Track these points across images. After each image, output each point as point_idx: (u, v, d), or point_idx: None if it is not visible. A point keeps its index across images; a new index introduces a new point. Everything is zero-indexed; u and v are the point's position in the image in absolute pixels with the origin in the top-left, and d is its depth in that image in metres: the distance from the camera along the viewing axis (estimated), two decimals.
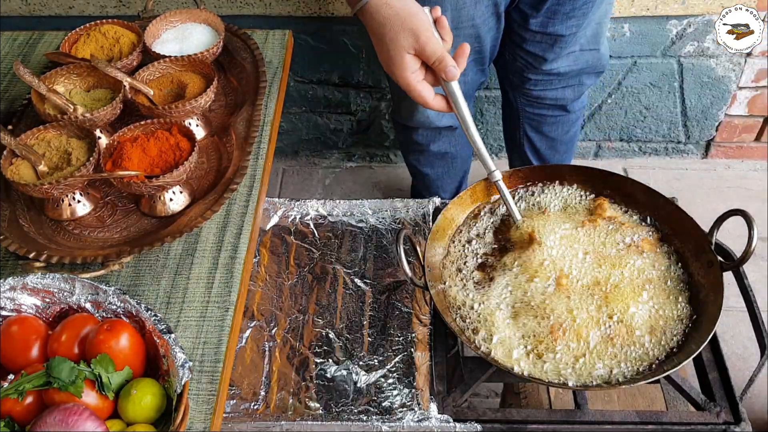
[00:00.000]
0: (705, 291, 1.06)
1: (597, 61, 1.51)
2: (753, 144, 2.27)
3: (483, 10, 1.31)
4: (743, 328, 1.81)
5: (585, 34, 1.44)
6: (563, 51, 1.45)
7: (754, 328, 1.10)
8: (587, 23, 1.40)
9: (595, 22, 1.43)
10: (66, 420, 0.75)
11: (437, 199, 1.33)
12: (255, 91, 1.21)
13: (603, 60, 1.52)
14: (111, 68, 1.11)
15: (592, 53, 1.48)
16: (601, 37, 1.48)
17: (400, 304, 1.17)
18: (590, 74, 1.54)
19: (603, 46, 1.50)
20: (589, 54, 1.48)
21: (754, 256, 1.05)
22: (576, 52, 1.47)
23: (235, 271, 1.00)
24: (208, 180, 1.11)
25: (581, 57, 1.48)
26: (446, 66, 0.99)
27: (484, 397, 1.71)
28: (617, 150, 2.31)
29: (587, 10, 1.37)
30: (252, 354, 1.11)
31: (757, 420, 1.60)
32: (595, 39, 1.46)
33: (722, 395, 1.05)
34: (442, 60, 0.99)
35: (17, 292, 0.88)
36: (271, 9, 1.84)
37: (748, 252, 1.02)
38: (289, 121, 2.21)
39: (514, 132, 1.75)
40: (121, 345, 0.83)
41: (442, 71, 0.99)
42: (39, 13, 1.87)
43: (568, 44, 1.43)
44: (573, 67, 1.49)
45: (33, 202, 1.07)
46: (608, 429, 1.03)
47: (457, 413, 1.02)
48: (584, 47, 1.46)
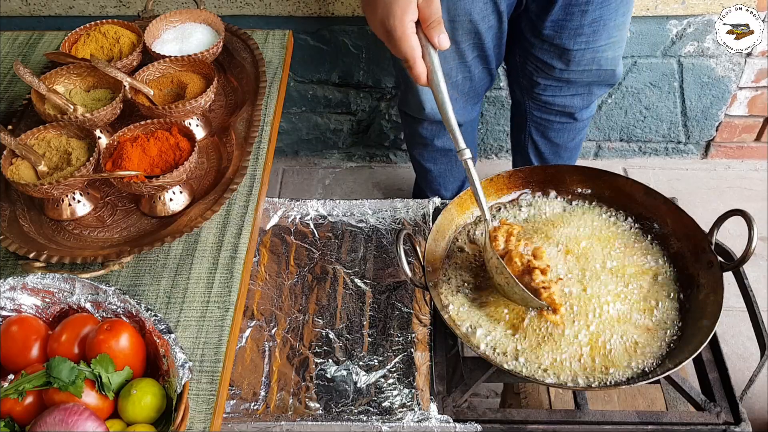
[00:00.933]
0: (705, 291, 1.06)
1: (610, 77, 1.50)
2: (753, 144, 2.27)
3: (481, 7, 1.31)
4: (743, 328, 1.81)
5: (606, 56, 1.43)
6: (573, 64, 1.44)
7: (754, 328, 1.10)
8: (602, 44, 1.39)
9: (616, 44, 1.42)
10: (66, 420, 0.75)
11: (437, 199, 1.33)
12: (255, 91, 1.21)
13: (617, 75, 1.51)
14: (111, 68, 1.11)
15: (608, 72, 1.48)
16: (620, 57, 1.47)
17: (400, 304, 1.17)
18: (601, 86, 1.53)
19: (620, 65, 1.49)
20: (605, 72, 1.48)
21: (754, 256, 1.05)
22: (593, 70, 1.46)
23: (235, 271, 1.00)
24: (208, 180, 1.11)
25: (596, 73, 1.48)
26: (441, 32, 0.97)
27: (484, 397, 1.71)
28: (617, 150, 2.31)
29: (598, 27, 1.36)
30: (252, 354, 1.11)
31: (757, 420, 1.60)
32: (615, 60, 1.46)
33: (722, 395, 1.05)
34: (441, 23, 0.97)
35: (17, 292, 0.88)
36: (271, 9, 1.84)
37: (749, 252, 1.02)
38: (289, 121, 2.21)
39: (520, 134, 1.75)
40: (121, 345, 0.83)
41: (436, 35, 0.97)
42: (39, 14, 1.87)
43: (579, 59, 1.42)
44: (585, 78, 1.49)
45: (33, 202, 1.07)
46: (608, 429, 1.03)
47: (457, 413, 1.02)
48: (603, 67, 1.45)
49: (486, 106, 2.13)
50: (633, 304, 1.07)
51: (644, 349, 1.03)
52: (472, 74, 1.46)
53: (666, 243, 1.15)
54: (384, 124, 2.20)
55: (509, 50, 1.50)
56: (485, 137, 2.24)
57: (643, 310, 1.07)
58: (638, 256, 1.14)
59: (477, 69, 1.45)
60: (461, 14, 1.31)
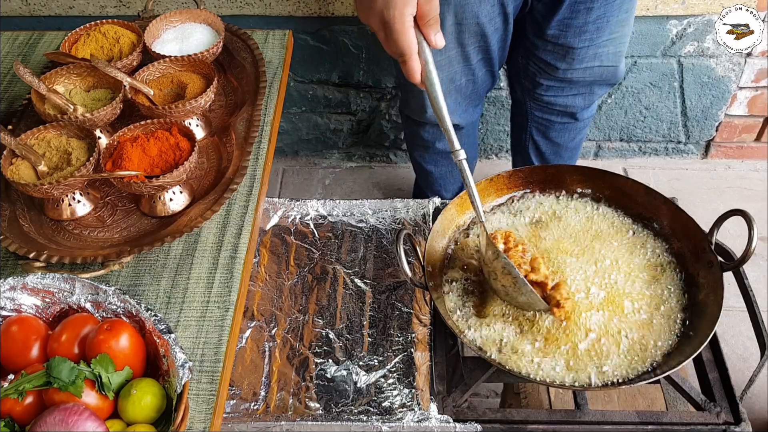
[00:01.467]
0: (705, 291, 1.06)
1: (612, 75, 1.50)
2: (753, 144, 2.27)
3: (489, 9, 1.31)
4: (743, 328, 1.81)
5: (607, 52, 1.42)
6: (576, 62, 1.43)
7: (754, 328, 1.10)
8: (604, 39, 1.39)
9: (617, 39, 1.41)
10: (66, 420, 0.75)
11: (437, 200, 1.32)
12: (255, 91, 1.21)
13: (619, 74, 1.51)
14: (111, 68, 1.11)
15: (610, 69, 1.48)
16: (623, 54, 1.47)
17: (400, 304, 1.17)
18: (602, 85, 1.53)
19: (622, 63, 1.49)
20: (607, 69, 1.48)
21: (754, 256, 1.05)
22: (595, 67, 1.46)
23: (235, 271, 1.00)
24: (208, 180, 1.11)
25: (598, 70, 1.47)
26: (438, 30, 0.96)
27: (484, 397, 1.71)
28: (617, 150, 2.31)
29: (601, 24, 1.36)
30: (252, 354, 1.11)
31: (757, 420, 1.60)
32: (617, 56, 1.45)
33: (722, 395, 1.05)
34: (438, 21, 0.96)
35: (17, 292, 0.88)
36: (271, 9, 1.84)
37: (749, 252, 1.02)
38: (289, 121, 2.21)
39: (521, 134, 1.75)
40: (121, 345, 0.83)
41: (433, 33, 0.96)
42: (39, 13, 1.87)
43: (582, 56, 1.42)
44: (587, 77, 1.49)
45: (33, 202, 1.07)
46: (608, 429, 1.03)
47: (457, 413, 1.02)
48: (604, 63, 1.45)
49: (486, 106, 2.13)
50: (633, 304, 1.07)
51: (644, 348, 1.03)
52: (476, 77, 1.45)
53: (666, 243, 1.15)
54: (384, 124, 2.20)
55: (512, 52, 1.50)
56: (485, 137, 2.24)
57: (643, 310, 1.07)
58: (638, 257, 1.14)
59: (481, 71, 1.46)
60: (469, 17, 1.31)
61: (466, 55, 1.39)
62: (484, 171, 2.23)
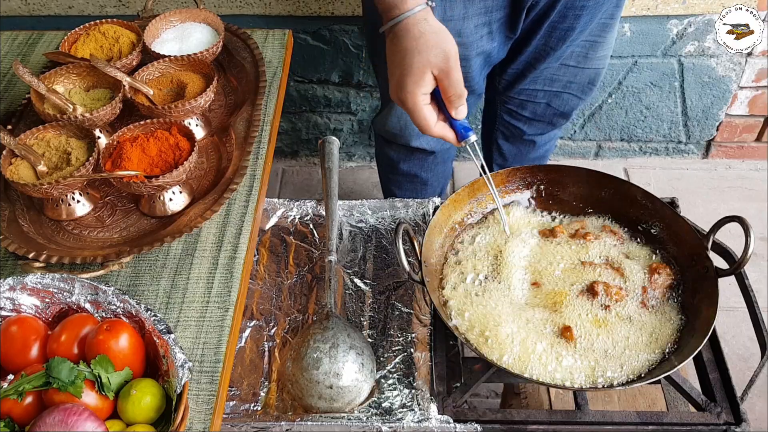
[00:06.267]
0: (701, 295, 1.07)
1: (570, 111, 1.53)
2: (753, 144, 2.27)
3: (472, 29, 1.25)
4: (744, 328, 1.81)
5: (563, 99, 1.48)
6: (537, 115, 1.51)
7: (755, 329, 1.09)
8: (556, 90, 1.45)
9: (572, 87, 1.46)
10: (66, 420, 0.75)
11: (437, 199, 1.32)
12: (255, 91, 1.21)
13: (574, 111, 1.55)
14: (110, 68, 1.11)
15: (565, 111, 1.52)
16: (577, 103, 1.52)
17: (400, 304, 1.17)
18: (559, 119, 1.56)
19: (579, 107, 1.54)
20: (564, 106, 1.51)
21: (755, 256, 1.05)
22: (549, 112, 1.52)
23: (235, 271, 1.00)
24: (207, 180, 1.11)
25: (552, 110, 1.52)
26: (462, 104, 0.99)
27: (484, 398, 1.71)
28: (618, 150, 2.31)
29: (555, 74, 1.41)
30: (251, 354, 1.11)
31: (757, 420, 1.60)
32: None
33: (723, 396, 1.05)
34: (462, 96, 0.98)
35: (17, 292, 0.88)
36: (271, 9, 1.84)
37: (745, 258, 1.03)
38: (289, 121, 2.21)
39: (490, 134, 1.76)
40: (121, 345, 0.83)
41: (454, 108, 0.99)
42: (39, 13, 1.87)
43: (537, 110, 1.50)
44: (545, 118, 1.55)
45: (32, 202, 1.07)
46: (608, 430, 1.03)
47: (457, 414, 1.02)
48: (557, 108, 1.50)
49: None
50: (632, 305, 1.07)
51: (644, 349, 1.03)
52: None
53: (664, 246, 1.15)
54: None
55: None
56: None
57: (642, 312, 1.07)
58: (637, 259, 1.14)
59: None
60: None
61: None
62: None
